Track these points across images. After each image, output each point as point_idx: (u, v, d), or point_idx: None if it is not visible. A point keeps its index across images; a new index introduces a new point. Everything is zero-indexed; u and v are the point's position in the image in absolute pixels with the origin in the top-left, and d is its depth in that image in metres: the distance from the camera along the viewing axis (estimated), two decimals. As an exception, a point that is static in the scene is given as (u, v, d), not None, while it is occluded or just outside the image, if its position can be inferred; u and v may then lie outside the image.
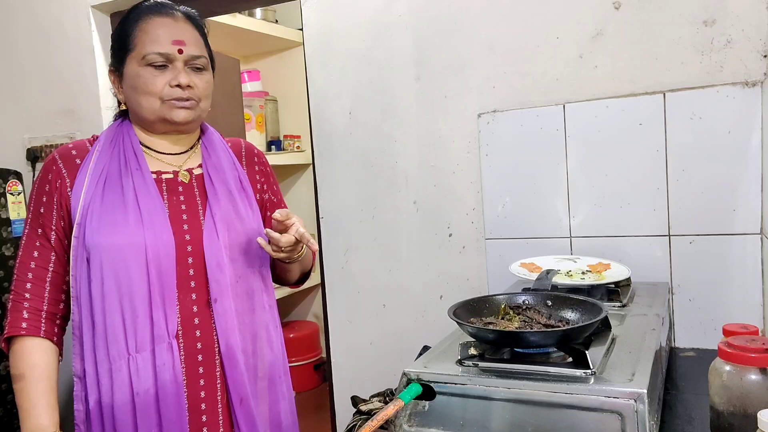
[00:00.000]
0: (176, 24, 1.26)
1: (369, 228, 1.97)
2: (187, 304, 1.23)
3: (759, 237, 1.48)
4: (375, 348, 2.00)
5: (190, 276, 1.23)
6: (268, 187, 1.45)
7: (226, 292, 1.25)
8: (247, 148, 1.44)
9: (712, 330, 1.53)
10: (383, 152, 1.92)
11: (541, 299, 1.18)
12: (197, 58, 1.26)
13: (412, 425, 1.01)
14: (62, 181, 1.25)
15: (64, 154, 1.28)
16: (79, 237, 1.21)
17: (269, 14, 3.51)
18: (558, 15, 1.65)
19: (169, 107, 1.24)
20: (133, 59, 1.24)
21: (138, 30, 1.24)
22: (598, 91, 1.62)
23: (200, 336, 1.23)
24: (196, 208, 1.28)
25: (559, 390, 0.92)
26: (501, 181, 1.75)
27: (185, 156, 1.34)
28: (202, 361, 1.23)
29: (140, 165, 1.26)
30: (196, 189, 1.30)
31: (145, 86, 1.23)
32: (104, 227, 1.19)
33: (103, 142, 1.29)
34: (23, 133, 2.53)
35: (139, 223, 1.20)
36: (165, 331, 1.19)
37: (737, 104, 1.47)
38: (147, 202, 1.22)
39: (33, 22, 2.46)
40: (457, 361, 1.05)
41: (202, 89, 1.27)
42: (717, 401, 0.93)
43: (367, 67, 1.92)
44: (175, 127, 1.28)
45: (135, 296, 1.18)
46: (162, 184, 1.28)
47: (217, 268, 1.24)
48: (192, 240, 1.24)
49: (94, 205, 1.21)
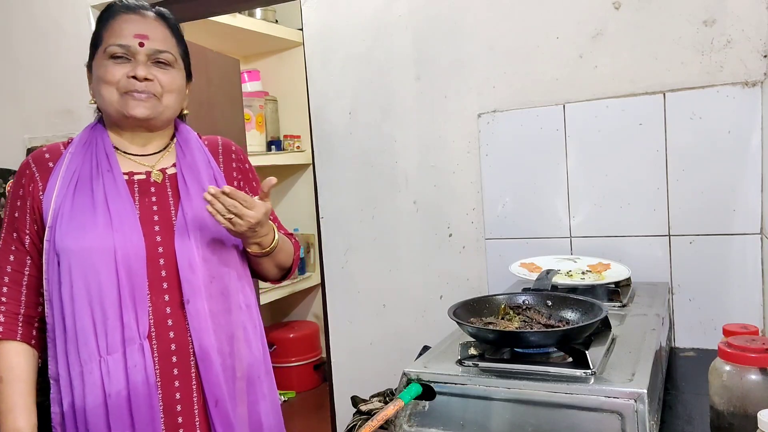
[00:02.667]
0: (143, 20, 1.26)
1: (369, 228, 1.97)
2: (160, 306, 1.22)
3: (759, 237, 1.48)
4: (375, 348, 2.00)
5: (162, 277, 1.22)
6: (246, 184, 1.43)
7: (199, 293, 1.24)
8: (224, 145, 1.42)
9: (712, 330, 1.53)
10: (383, 152, 1.93)
11: (541, 299, 1.18)
12: (161, 52, 1.25)
13: (412, 425, 1.01)
14: (35, 185, 1.25)
15: (37, 158, 1.29)
16: (50, 240, 1.21)
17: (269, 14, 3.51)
18: (558, 15, 1.65)
19: (126, 100, 1.23)
20: (99, 53, 1.26)
21: (106, 26, 1.26)
22: (598, 91, 1.62)
23: (174, 337, 1.22)
24: (168, 208, 1.27)
25: (559, 390, 0.92)
26: (501, 181, 1.75)
27: (158, 156, 1.33)
28: (177, 362, 1.22)
29: (111, 166, 1.26)
30: (169, 189, 1.29)
31: (104, 76, 1.23)
32: (73, 230, 1.20)
33: (76, 144, 1.30)
34: (23, 133, 2.53)
35: (108, 226, 1.20)
36: (136, 332, 1.18)
37: (737, 104, 1.47)
38: (117, 204, 1.22)
39: (33, 22, 2.46)
40: (457, 361, 1.05)
41: (164, 84, 1.26)
42: (717, 401, 0.93)
43: (367, 67, 1.92)
44: (136, 122, 1.27)
45: (105, 299, 1.18)
46: (134, 185, 1.27)
47: (188, 268, 1.23)
48: (163, 241, 1.24)
49: (64, 209, 1.21)
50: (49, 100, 2.46)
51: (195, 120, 2.84)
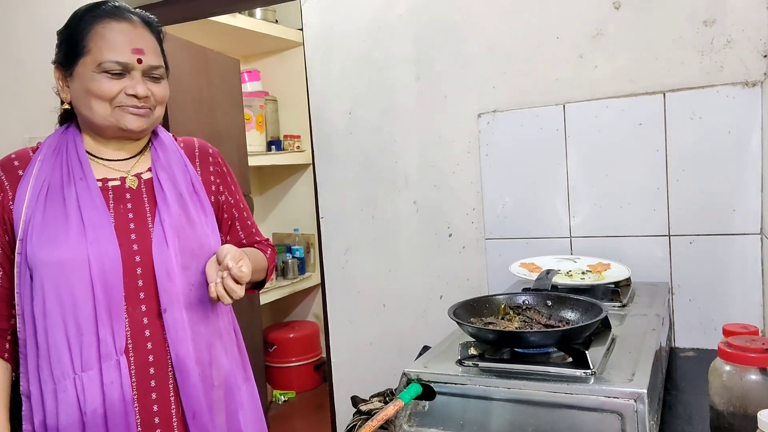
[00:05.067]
0: (135, 30, 1.20)
1: (369, 228, 1.97)
2: (137, 317, 1.18)
3: (759, 237, 1.48)
4: (375, 348, 2.00)
5: (139, 287, 1.18)
6: (225, 188, 1.38)
7: (177, 302, 1.20)
8: (200, 148, 1.38)
9: (712, 330, 1.53)
10: (383, 152, 1.93)
11: (541, 299, 1.18)
12: (156, 68, 1.22)
13: (412, 425, 1.01)
14: (4, 194, 1.20)
15: (5, 165, 1.23)
16: (21, 253, 1.16)
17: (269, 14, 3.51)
18: (558, 15, 1.65)
19: (121, 113, 1.19)
20: (88, 64, 1.18)
21: (94, 33, 1.19)
22: (598, 91, 1.62)
23: (152, 348, 1.18)
24: (144, 215, 1.23)
25: (559, 390, 0.92)
26: (501, 181, 1.75)
27: (133, 161, 1.28)
28: (154, 374, 1.18)
29: (85, 174, 1.20)
30: (145, 195, 1.25)
31: (99, 91, 1.17)
32: (45, 243, 1.14)
33: (45, 150, 1.24)
34: (24, 132, 2.53)
35: (82, 237, 1.15)
36: (112, 348, 1.14)
37: (737, 104, 1.47)
38: (91, 214, 1.17)
39: (34, 22, 2.46)
40: (457, 361, 1.05)
41: (158, 98, 1.23)
42: (717, 401, 0.93)
43: (367, 67, 1.92)
44: (127, 134, 1.23)
45: (79, 314, 1.13)
46: (108, 192, 1.22)
47: (166, 277, 1.19)
48: (140, 250, 1.19)
49: (35, 219, 1.16)
50: (49, 99, 2.46)
51: (195, 120, 2.84)
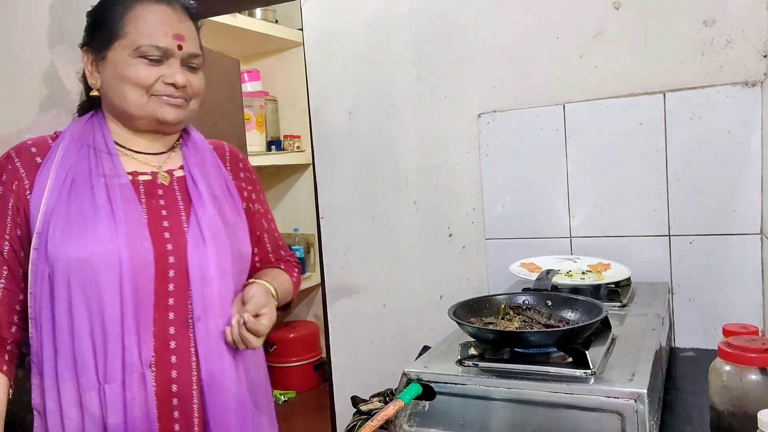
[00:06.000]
0: (175, 15, 1.13)
1: (369, 228, 1.97)
2: (164, 325, 1.07)
3: (759, 237, 1.48)
4: (375, 348, 2.00)
5: (169, 292, 1.08)
6: (256, 197, 1.31)
7: (212, 310, 1.09)
8: (231, 153, 1.32)
9: (712, 330, 1.53)
10: (383, 152, 1.92)
11: (541, 299, 1.18)
12: (195, 57, 1.15)
13: (412, 425, 1.00)
14: (20, 182, 1.08)
15: (22, 152, 1.11)
16: (39, 249, 1.05)
17: (269, 14, 3.51)
18: (558, 15, 1.65)
19: (158, 103, 1.11)
20: (123, 47, 1.09)
21: (132, 15, 1.10)
22: (598, 91, 1.62)
23: (176, 362, 1.07)
24: (178, 213, 1.13)
25: (559, 390, 0.92)
26: (501, 181, 1.75)
27: (165, 156, 1.20)
28: (177, 392, 1.07)
29: (114, 165, 1.10)
30: (178, 192, 1.15)
31: (135, 78, 1.09)
32: (70, 238, 1.03)
33: (69, 138, 1.13)
34: (24, 132, 2.53)
35: (113, 232, 1.04)
36: (138, 359, 1.04)
37: (737, 104, 1.47)
38: (122, 208, 1.06)
39: (34, 22, 2.46)
40: (457, 361, 1.05)
41: (195, 89, 1.16)
42: (717, 401, 0.93)
43: (367, 67, 1.92)
44: (163, 126, 1.15)
45: (106, 318, 1.02)
46: (139, 186, 1.12)
47: (201, 282, 1.09)
48: (174, 250, 1.09)
49: (59, 212, 1.05)
50: (49, 99, 2.46)
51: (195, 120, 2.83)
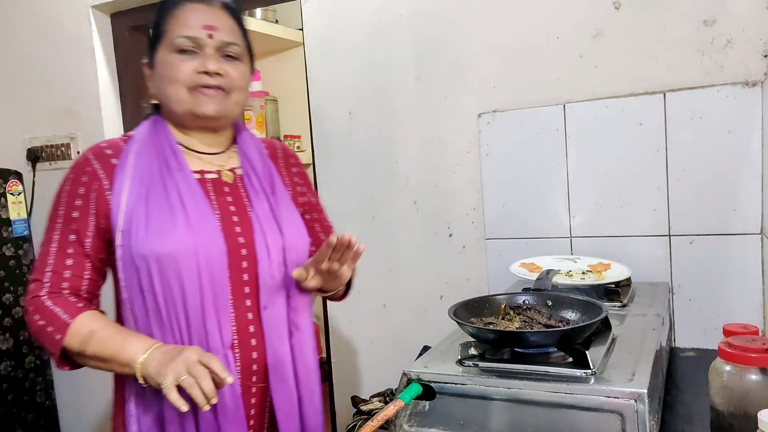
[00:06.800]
0: (210, 10, 1.17)
1: (369, 228, 1.97)
2: (242, 311, 1.15)
3: (759, 237, 1.48)
4: (375, 348, 2.00)
5: (244, 281, 1.16)
6: (308, 189, 1.38)
7: (277, 300, 1.18)
8: (283, 150, 1.37)
9: (712, 330, 1.53)
10: (383, 152, 1.92)
11: (541, 299, 1.18)
12: (230, 44, 1.17)
13: (412, 425, 1.01)
14: (99, 183, 1.14)
15: (98, 154, 1.17)
16: (124, 245, 1.11)
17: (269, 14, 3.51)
18: (558, 15, 1.65)
19: (196, 98, 1.15)
20: (164, 47, 1.17)
21: (170, 16, 1.17)
22: (598, 91, 1.62)
23: (255, 345, 1.16)
24: (245, 209, 1.20)
25: (559, 390, 0.92)
26: (501, 181, 1.75)
27: (225, 156, 1.26)
28: (257, 371, 1.16)
29: (181, 165, 1.17)
30: (242, 190, 1.22)
31: (171, 73, 1.15)
32: (152, 234, 1.10)
33: (139, 141, 1.19)
34: (23, 133, 2.53)
35: (189, 228, 1.11)
36: (219, 342, 1.12)
37: (737, 104, 1.47)
38: (192, 205, 1.13)
39: (33, 22, 2.46)
40: (457, 361, 1.05)
41: (234, 79, 1.18)
42: (717, 401, 0.93)
43: (367, 67, 1.92)
44: (204, 121, 1.19)
45: (188, 306, 1.10)
46: (207, 185, 1.19)
47: (268, 272, 1.17)
48: (246, 243, 1.17)
49: (139, 212, 1.12)
50: (49, 100, 2.46)
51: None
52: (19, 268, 2.45)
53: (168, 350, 1.05)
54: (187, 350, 1.03)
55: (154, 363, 1.03)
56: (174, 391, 0.98)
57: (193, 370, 1.00)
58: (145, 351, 1.05)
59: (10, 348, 2.40)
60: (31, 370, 2.47)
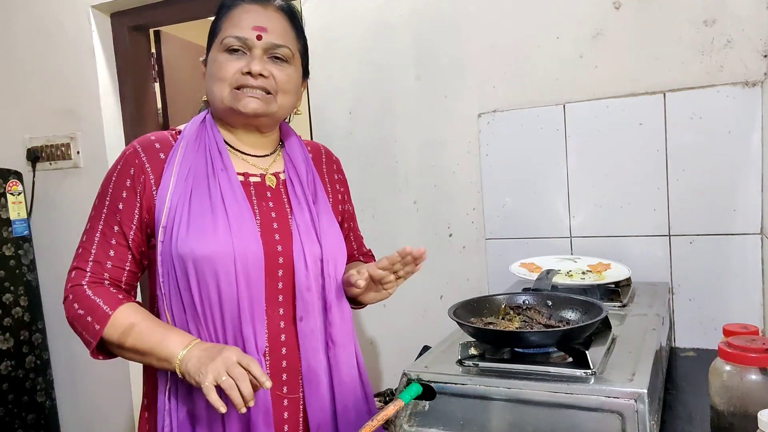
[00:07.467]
0: (263, 11, 1.17)
1: (369, 228, 1.96)
2: (275, 320, 1.14)
3: (759, 237, 1.48)
4: (375, 348, 2.00)
5: (278, 290, 1.15)
6: (348, 197, 1.38)
7: (313, 311, 1.17)
8: (326, 155, 1.37)
9: (713, 330, 1.53)
10: (383, 152, 1.93)
11: (541, 299, 1.18)
12: (278, 47, 1.16)
13: (412, 425, 1.01)
14: (146, 176, 1.14)
15: (147, 147, 1.16)
16: (165, 242, 1.11)
17: (269, 14, 3.51)
18: (558, 15, 1.65)
19: (237, 96, 1.14)
20: (216, 45, 1.18)
21: (224, 16, 1.18)
22: (598, 91, 1.62)
23: (286, 353, 1.15)
24: (286, 216, 1.18)
25: (560, 390, 0.92)
26: (501, 181, 1.75)
27: (270, 159, 1.25)
28: (287, 380, 1.15)
29: (225, 165, 1.16)
30: (284, 196, 1.21)
31: (218, 71, 1.15)
32: (194, 235, 1.09)
33: (188, 137, 1.18)
34: (23, 133, 2.53)
35: (227, 231, 1.10)
36: (254, 347, 1.10)
37: (737, 104, 1.47)
38: (234, 207, 1.12)
39: (33, 22, 2.46)
40: (457, 361, 1.06)
41: (280, 81, 1.16)
42: (717, 401, 0.93)
43: (367, 67, 1.92)
44: (244, 118, 1.17)
45: (225, 310, 1.10)
46: (250, 188, 1.18)
47: (305, 283, 1.15)
48: (283, 251, 1.15)
49: (182, 209, 1.11)
50: (49, 100, 2.46)
51: (195, 120, 2.84)
52: (19, 268, 2.45)
53: (207, 348, 1.04)
54: (227, 350, 1.02)
55: (193, 360, 1.02)
56: (213, 392, 0.97)
57: (233, 372, 0.99)
58: (184, 347, 1.04)
59: (10, 348, 2.40)
60: (32, 370, 2.47)
